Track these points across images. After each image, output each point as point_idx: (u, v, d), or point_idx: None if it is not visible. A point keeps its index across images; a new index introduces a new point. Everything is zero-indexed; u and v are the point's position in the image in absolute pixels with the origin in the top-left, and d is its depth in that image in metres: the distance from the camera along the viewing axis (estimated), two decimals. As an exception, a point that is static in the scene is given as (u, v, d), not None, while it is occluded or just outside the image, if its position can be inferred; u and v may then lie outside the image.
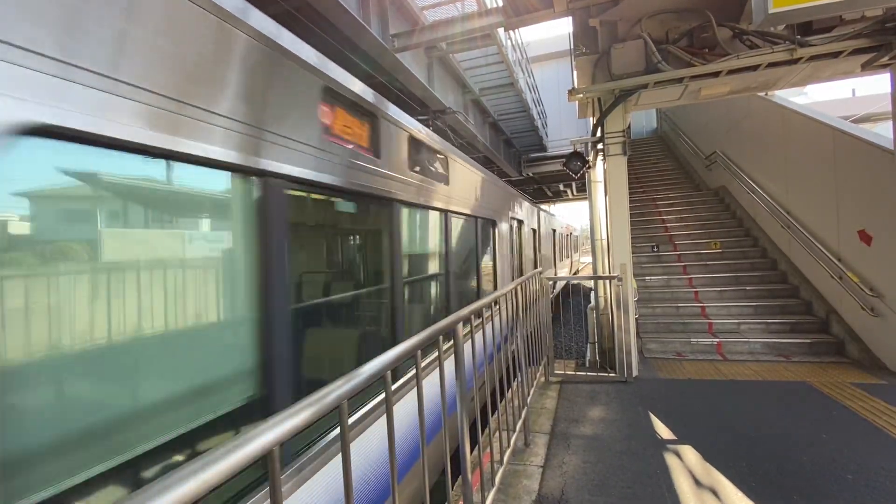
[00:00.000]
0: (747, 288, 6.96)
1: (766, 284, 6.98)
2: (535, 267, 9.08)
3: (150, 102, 1.28)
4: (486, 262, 5.24)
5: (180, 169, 1.45)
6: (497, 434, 2.85)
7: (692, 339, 6.10)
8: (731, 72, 4.67)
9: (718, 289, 7.09)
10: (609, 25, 5.24)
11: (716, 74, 4.72)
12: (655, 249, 8.40)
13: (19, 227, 1.11)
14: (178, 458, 1.43)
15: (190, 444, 1.47)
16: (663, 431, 3.56)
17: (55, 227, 1.21)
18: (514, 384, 3.25)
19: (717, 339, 6.03)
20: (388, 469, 2.29)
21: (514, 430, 3.09)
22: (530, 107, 11.63)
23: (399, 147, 2.90)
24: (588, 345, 6.07)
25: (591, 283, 6.18)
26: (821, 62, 4.51)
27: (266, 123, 1.70)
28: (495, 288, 5.56)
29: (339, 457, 1.31)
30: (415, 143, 3.15)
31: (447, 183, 3.83)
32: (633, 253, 5.30)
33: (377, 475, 2.26)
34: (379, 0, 5.76)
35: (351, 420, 1.87)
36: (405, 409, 2.58)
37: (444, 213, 3.86)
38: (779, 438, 3.37)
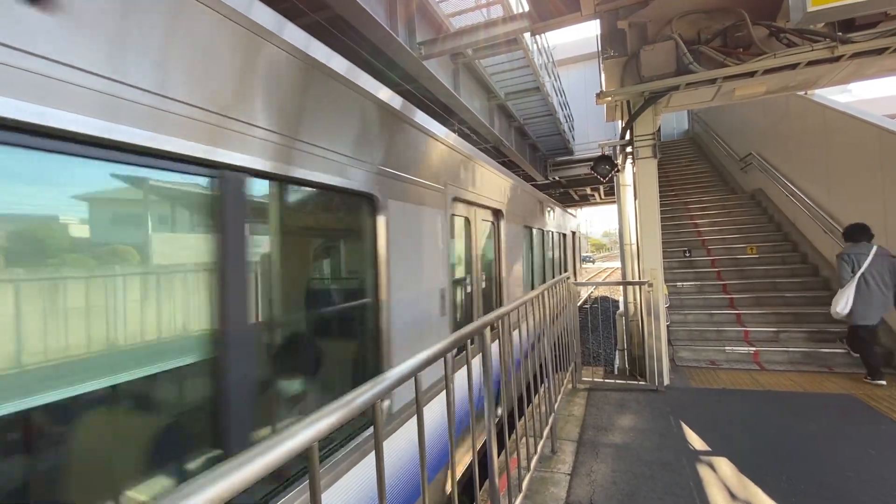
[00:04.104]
0: (787, 294, 6.67)
1: (807, 291, 6.67)
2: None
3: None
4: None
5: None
6: (524, 440, 2.84)
7: (727, 348, 5.89)
8: (767, 71, 4.52)
9: (755, 295, 6.82)
10: (638, 27, 5.16)
11: (751, 74, 4.58)
12: (687, 254, 8.17)
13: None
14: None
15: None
16: (696, 442, 3.45)
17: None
18: (541, 390, 3.22)
19: (754, 348, 5.80)
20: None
21: (542, 437, 3.06)
22: (556, 110, 11.54)
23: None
24: (616, 352, 5.95)
25: (615, 290, 6.06)
26: (865, 59, 4.31)
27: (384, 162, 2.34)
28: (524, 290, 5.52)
29: (371, 455, 1.34)
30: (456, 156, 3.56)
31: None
32: (663, 258, 5.17)
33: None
34: (406, 9, 5.86)
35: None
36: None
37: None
38: (821, 453, 3.21)
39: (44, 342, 1.08)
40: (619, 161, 5.60)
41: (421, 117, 2.86)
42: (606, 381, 4.92)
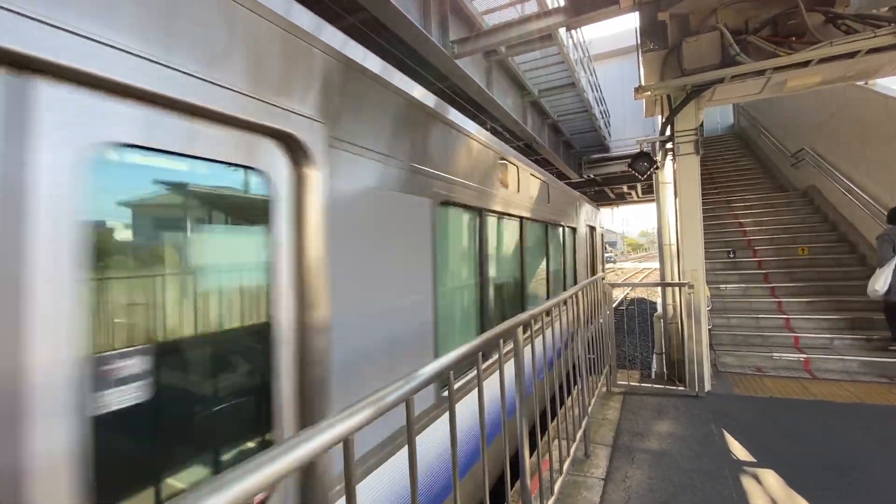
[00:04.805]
0: (843, 298, 6.25)
1: (865, 295, 6.21)
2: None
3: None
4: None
5: None
6: (556, 442, 2.80)
7: (774, 354, 5.58)
8: (822, 60, 4.23)
9: (807, 299, 6.42)
10: (679, 19, 4.96)
11: (805, 64, 4.30)
12: (732, 255, 7.79)
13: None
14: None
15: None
16: (740, 452, 3.29)
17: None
18: (574, 392, 3.16)
19: (805, 356, 5.46)
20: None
21: (574, 440, 3.01)
22: (592, 106, 11.26)
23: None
24: (654, 355, 5.76)
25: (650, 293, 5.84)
26: (935, 45, 3.97)
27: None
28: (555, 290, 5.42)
29: (403, 450, 1.36)
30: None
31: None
32: (705, 259, 4.95)
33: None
34: (440, 8, 5.87)
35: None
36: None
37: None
38: (879, 469, 2.99)
39: None
40: (659, 158, 5.41)
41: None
42: (643, 385, 4.76)
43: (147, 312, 1.20)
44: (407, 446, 1.14)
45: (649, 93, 4.95)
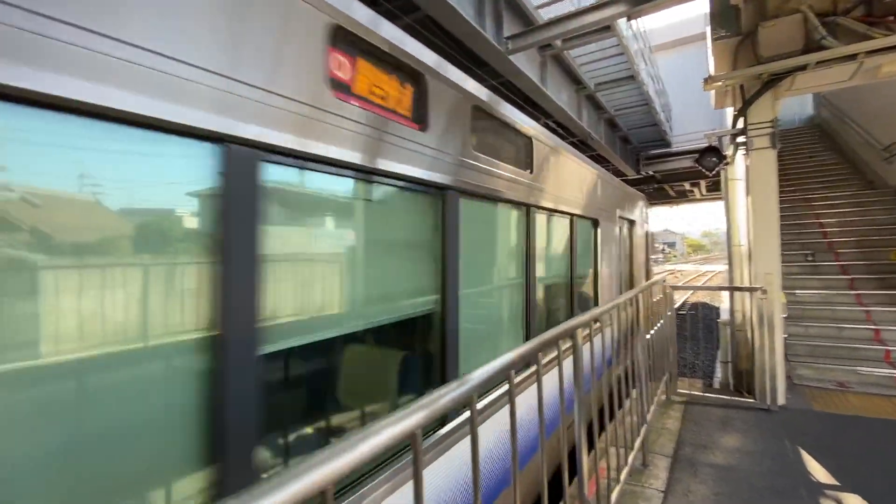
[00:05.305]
0: (945, 310, 5.55)
1: (974, 307, 5.49)
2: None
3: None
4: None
5: None
6: (613, 449, 2.70)
7: (860, 368, 5.06)
8: (928, 41, 3.77)
9: (900, 309, 5.76)
10: (755, 2, 4.60)
11: (905, 46, 3.85)
12: (810, 258, 7.14)
13: None
14: None
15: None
16: (818, 472, 3.02)
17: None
18: (632, 398, 3.04)
19: (898, 371, 4.91)
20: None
21: (632, 448, 2.88)
22: (652, 99, 10.72)
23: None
24: (719, 364, 5.40)
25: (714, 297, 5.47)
26: None
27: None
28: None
29: (466, 440, 1.38)
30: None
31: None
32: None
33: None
34: (494, 6, 5.82)
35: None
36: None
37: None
38: None
39: None
40: (729, 153, 5.05)
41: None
42: (707, 394, 4.48)
43: None
44: (470, 438, 1.17)
45: (720, 83, 4.63)
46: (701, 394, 4.51)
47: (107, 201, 1.04)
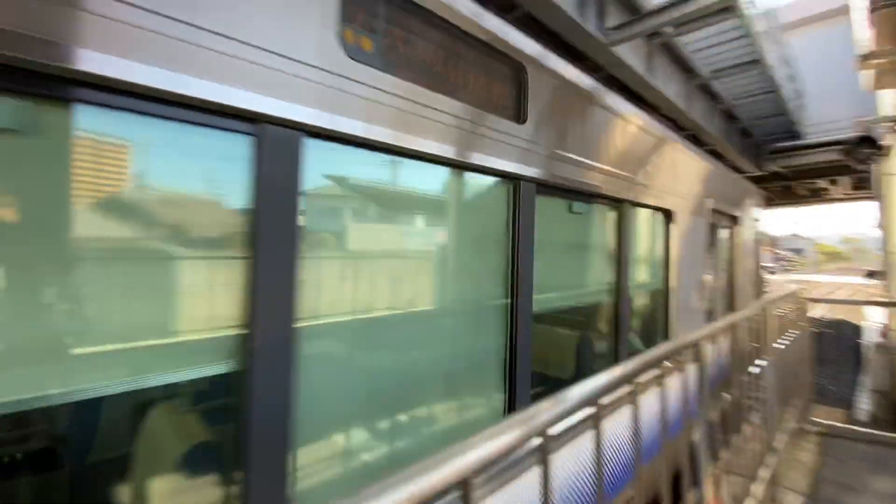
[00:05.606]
0: None
1: None
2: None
3: None
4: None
5: None
6: (729, 477, 2.42)
7: None
8: None
9: None
10: (932, -40, 3.80)
11: None
12: None
13: None
14: None
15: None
16: None
17: None
18: (755, 423, 2.70)
19: None
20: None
21: (755, 479, 2.56)
22: (781, 86, 9.40)
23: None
24: (867, 393, 4.58)
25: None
26: None
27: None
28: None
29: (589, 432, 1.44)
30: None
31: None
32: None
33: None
34: (598, -4, 5.54)
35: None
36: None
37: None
38: None
39: None
40: (888, 143, 4.25)
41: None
42: (851, 427, 3.81)
43: None
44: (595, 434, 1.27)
45: (885, 59, 3.91)
46: (842, 425, 3.85)
47: None
